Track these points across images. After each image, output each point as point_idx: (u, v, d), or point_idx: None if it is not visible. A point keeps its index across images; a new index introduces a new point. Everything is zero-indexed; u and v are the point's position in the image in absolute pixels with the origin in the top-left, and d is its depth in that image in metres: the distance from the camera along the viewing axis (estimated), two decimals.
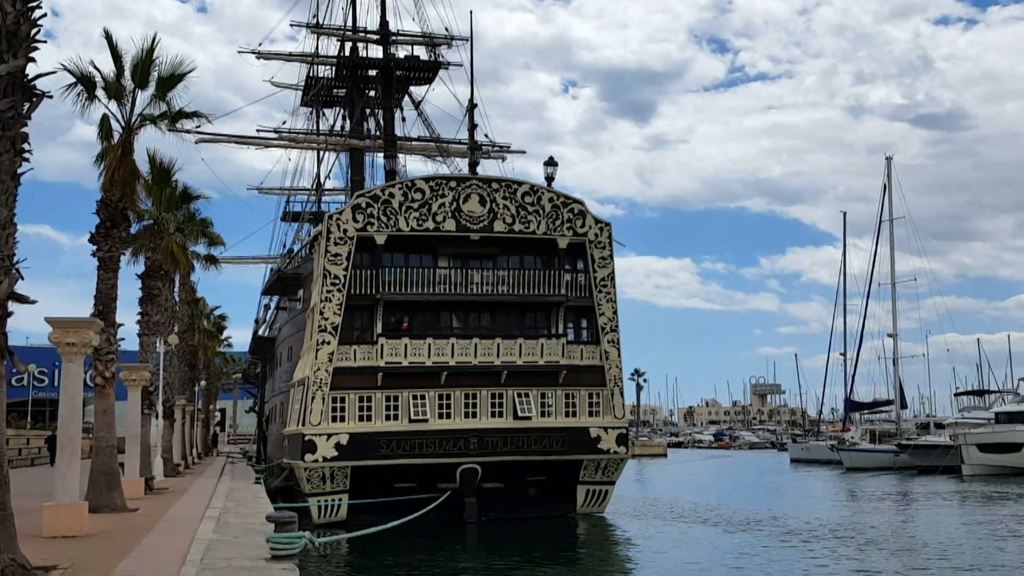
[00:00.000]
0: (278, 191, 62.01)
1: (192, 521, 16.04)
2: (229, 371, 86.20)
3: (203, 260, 43.00)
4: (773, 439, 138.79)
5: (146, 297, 27.21)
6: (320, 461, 31.17)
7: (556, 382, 33.78)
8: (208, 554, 11.52)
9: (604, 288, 34.60)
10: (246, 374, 75.08)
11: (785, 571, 22.69)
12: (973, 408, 76.57)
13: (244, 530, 14.58)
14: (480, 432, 32.39)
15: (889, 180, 77.29)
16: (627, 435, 34.71)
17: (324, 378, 31.79)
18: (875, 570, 22.53)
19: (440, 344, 32.93)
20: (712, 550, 26.55)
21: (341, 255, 32.32)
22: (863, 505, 41.80)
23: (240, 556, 11.39)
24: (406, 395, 32.41)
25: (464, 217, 33.31)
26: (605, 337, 34.48)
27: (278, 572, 10.17)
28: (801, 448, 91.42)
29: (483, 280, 33.71)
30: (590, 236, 34.58)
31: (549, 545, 28.33)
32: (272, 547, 11.03)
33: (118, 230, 19.59)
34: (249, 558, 11.23)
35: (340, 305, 32.16)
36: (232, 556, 11.32)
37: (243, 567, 10.44)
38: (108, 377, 18.63)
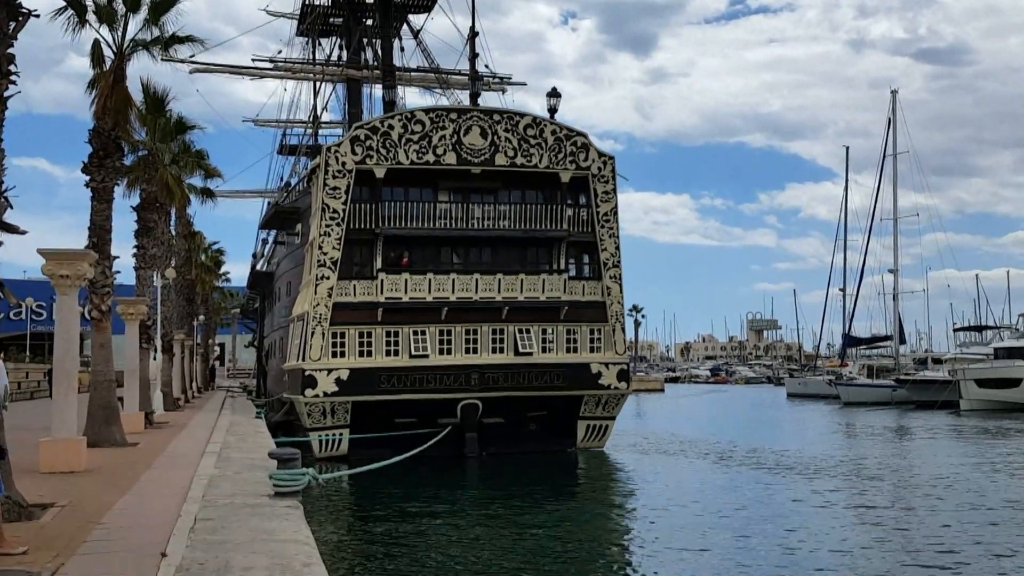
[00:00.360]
0: (274, 123, 61.17)
1: (193, 456, 15.85)
2: (228, 306, 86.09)
3: (199, 193, 42.53)
4: (769, 374, 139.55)
5: (142, 230, 26.77)
6: (321, 396, 31.06)
7: (557, 318, 33.53)
8: (209, 490, 11.30)
9: (607, 223, 34.14)
10: (244, 309, 74.95)
11: (786, 506, 22.67)
12: (972, 344, 76.71)
13: (246, 466, 14.39)
14: (481, 368, 32.24)
15: (894, 114, 76.35)
16: (628, 371, 34.62)
17: (324, 313, 31.51)
18: (878, 505, 22.52)
19: (441, 280, 32.58)
20: (713, 486, 26.57)
21: (340, 189, 31.78)
22: (862, 440, 41.96)
23: (242, 492, 11.17)
24: (406, 331, 32.17)
25: (465, 150, 32.69)
26: (607, 273, 34.13)
27: (281, 509, 9.94)
28: (798, 383, 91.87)
29: (484, 215, 33.23)
30: (593, 170, 34.00)
31: (549, 479, 28.38)
32: (275, 484, 10.80)
33: (111, 160, 19.06)
34: (251, 495, 11.01)
35: (339, 239, 31.73)
36: (234, 493, 11.10)
37: (245, 504, 10.21)
38: (104, 311, 18.29)
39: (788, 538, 18.38)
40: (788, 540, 18.21)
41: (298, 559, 7.30)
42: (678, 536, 18.61)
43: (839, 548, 17.48)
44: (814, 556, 16.75)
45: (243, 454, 16.54)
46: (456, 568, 15.75)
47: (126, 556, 7.41)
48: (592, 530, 20.10)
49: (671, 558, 16.60)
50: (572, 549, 17.48)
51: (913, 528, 19.52)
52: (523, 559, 16.51)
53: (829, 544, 17.82)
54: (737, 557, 16.52)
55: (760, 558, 16.51)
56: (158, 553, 7.39)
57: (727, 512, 21.64)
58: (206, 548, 7.67)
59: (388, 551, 16.95)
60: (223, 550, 7.58)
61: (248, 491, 11.31)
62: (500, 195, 33.82)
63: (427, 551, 17.05)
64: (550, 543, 17.97)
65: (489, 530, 19.34)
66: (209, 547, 7.72)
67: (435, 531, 19.19)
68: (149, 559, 7.22)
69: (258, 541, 7.99)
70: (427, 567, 15.76)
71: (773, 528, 19.52)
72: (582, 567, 16.15)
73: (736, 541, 18.05)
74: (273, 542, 7.99)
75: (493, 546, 17.70)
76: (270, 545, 7.84)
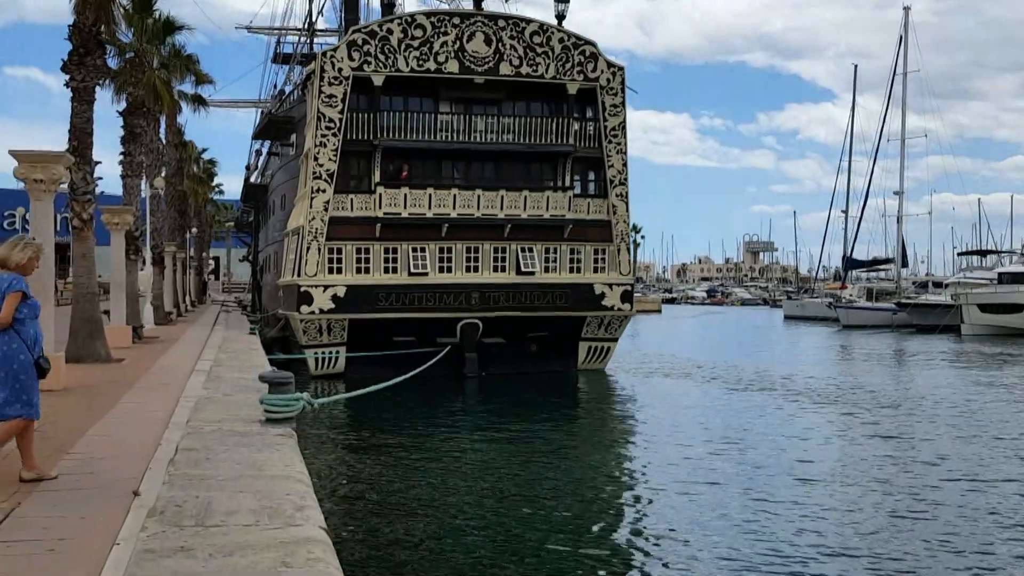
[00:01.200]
0: (267, 31, 59.15)
1: (180, 375, 14.94)
2: (221, 219, 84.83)
3: (190, 101, 41.03)
4: (765, 296, 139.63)
5: (128, 136, 25.52)
6: (317, 313, 30.19)
7: (561, 237, 32.48)
8: (195, 415, 10.39)
9: (614, 138, 32.81)
10: (239, 222, 73.66)
11: (794, 434, 22.00)
12: (975, 268, 75.93)
13: (237, 387, 13.48)
14: (482, 287, 31.35)
15: (905, 32, 74.29)
16: (632, 292, 33.72)
17: (319, 228, 30.41)
18: (890, 434, 21.86)
19: (441, 195, 31.38)
20: (716, 410, 25.94)
21: (336, 97, 30.34)
22: (864, 364, 41.38)
23: (231, 418, 10.27)
24: (405, 247, 31.14)
25: (468, 58, 31.15)
26: (613, 190, 32.95)
27: (273, 438, 9.04)
28: (796, 305, 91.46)
29: (487, 127, 31.93)
30: (602, 81, 32.52)
31: (550, 403, 27.80)
32: (266, 410, 9.87)
33: (92, 57, 17.72)
34: (242, 420, 10.11)
35: (335, 151, 30.43)
36: (222, 418, 10.19)
37: (234, 431, 9.30)
38: (86, 219, 17.18)
39: (797, 470, 17.74)
40: (797, 471, 17.59)
41: (290, 500, 6.39)
42: (684, 466, 17.89)
43: (852, 482, 16.82)
44: (827, 492, 16.07)
45: (235, 373, 15.63)
46: (455, 502, 15.06)
47: (93, 494, 6.50)
48: (594, 458, 19.45)
49: (675, 490, 15.89)
50: (573, 479, 16.81)
51: (919, 458, 18.86)
52: (525, 490, 15.87)
53: (843, 479, 17.14)
54: (744, 491, 15.80)
55: (766, 490, 15.80)
56: (130, 492, 6.47)
57: (733, 438, 21.01)
58: (185, 485, 6.76)
59: (385, 483, 16.24)
60: (204, 488, 6.67)
61: (238, 416, 10.40)
62: (504, 107, 32.43)
63: (426, 482, 16.36)
64: (552, 473, 17.33)
65: (489, 458, 18.69)
66: (188, 484, 6.81)
67: (433, 460, 18.47)
68: (120, 498, 6.31)
69: (245, 477, 7.08)
70: (426, 501, 15.03)
71: (781, 458, 18.84)
72: (583, 497, 15.45)
73: (744, 473, 17.33)
74: (262, 478, 7.08)
75: (493, 475, 17.06)
76: (258, 483, 6.93)
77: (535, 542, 12.74)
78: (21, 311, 6.94)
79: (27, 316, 6.99)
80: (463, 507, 14.58)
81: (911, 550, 12.41)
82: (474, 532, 13.26)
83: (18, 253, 7.06)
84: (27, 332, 6.94)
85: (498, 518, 13.92)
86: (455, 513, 14.21)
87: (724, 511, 14.38)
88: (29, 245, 7.20)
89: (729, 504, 14.80)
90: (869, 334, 62.30)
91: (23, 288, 6.97)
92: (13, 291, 6.87)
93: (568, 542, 12.74)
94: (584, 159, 33.03)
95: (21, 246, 7.11)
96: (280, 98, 45.01)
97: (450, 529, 13.37)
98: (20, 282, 6.96)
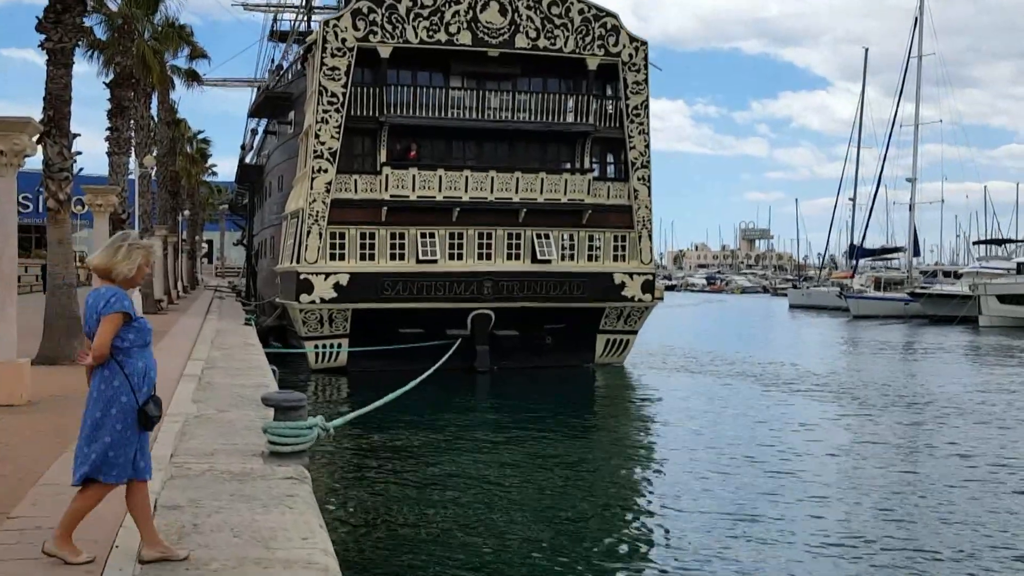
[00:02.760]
0: (264, 8, 56.71)
1: (168, 381, 12.87)
2: (215, 201, 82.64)
3: (184, 76, 38.89)
4: (765, 284, 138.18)
5: (115, 109, 23.40)
6: (317, 302, 28.13)
7: (580, 223, 30.43)
8: (182, 445, 8.37)
9: (636, 117, 30.68)
10: (233, 205, 71.34)
11: (830, 440, 20.14)
12: (991, 257, 74.04)
13: (232, 398, 11.46)
14: (495, 275, 29.32)
15: (921, 14, 71.97)
16: (653, 282, 31.68)
17: (321, 210, 28.30)
18: (938, 439, 19.94)
19: (452, 176, 29.25)
20: (743, 410, 24.17)
21: (339, 69, 28.16)
22: (892, 359, 39.48)
23: (226, 448, 8.25)
24: (413, 232, 29.06)
25: (481, 29, 28.96)
26: (635, 174, 30.87)
27: (281, 483, 7.04)
28: (801, 294, 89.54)
29: (502, 104, 29.79)
30: (624, 57, 30.38)
31: (568, 401, 26.00)
32: (272, 441, 7.83)
33: (70, 15, 15.55)
34: (239, 452, 8.09)
35: (338, 128, 28.28)
36: (215, 450, 8.17)
37: (230, 473, 7.28)
38: (63, 200, 15.07)
39: (830, 479, 16.19)
40: (831, 479, 16.11)
41: None
42: (713, 478, 16.09)
43: (890, 491, 15.05)
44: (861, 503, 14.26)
45: (230, 378, 13.61)
46: (470, 523, 13.12)
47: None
48: (616, 465, 17.79)
49: (702, 505, 14.18)
50: (598, 502, 14.85)
51: (972, 464, 17.02)
52: (544, 502, 14.23)
53: (882, 488, 15.25)
54: (777, 508, 14.06)
55: (807, 509, 14.06)
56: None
57: (765, 443, 19.29)
58: None
59: (394, 502, 14.25)
60: None
61: (235, 446, 8.39)
62: (519, 83, 30.30)
63: (438, 500, 14.42)
64: (569, 484, 15.63)
65: (505, 468, 16.75)
66: None
67: (446, 470, 16.58)
68: None
69: (248, 564, 5.06)
70: (439, 523, 13.09)
71: (826, 470, 16.97)
72: (610, 523, 13.59)
73: (777, 487, 15.47)
74: (273, 566, 5.06)
75: (510, 487, 15.28)
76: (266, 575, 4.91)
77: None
78: (125, 337, 5.04)
79: (134, 344, 5.09)
80: (481, 532, 12.59)
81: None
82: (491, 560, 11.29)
83: (124, 262, 5.12)
84: (133, 365, 5.06)
85: (517, 542, 12.10)
86: (471, 543, 12.22)
87: (755, 530, 12.75)
88: (136, 248, 5.21)
89: (763, 522, 13.16)
90: (881, 325, 60.42)
91: (126, 308, 5.02)
92: (112, 311, 4.97)
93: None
94: (604, 140, 30.95)
95: (126, 250, 5.16)
96: (278, 73, 42.73)
97: (466, 560, 11.39)
98: (122, 299, 5.04)
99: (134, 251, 5.18)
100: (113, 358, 5.00)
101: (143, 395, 5.03)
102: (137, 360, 5.06)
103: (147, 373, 5.10)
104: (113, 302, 5.02)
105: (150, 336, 5.22)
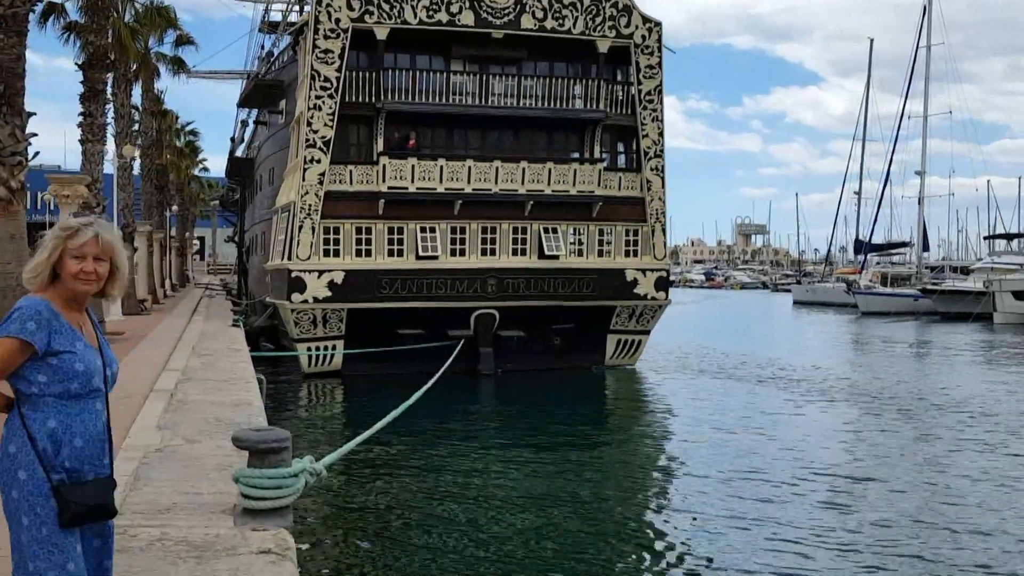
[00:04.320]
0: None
1: (135, 396, 11.05)
2: (206, 197, 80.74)
3: (169, 63, 37.03)
4: (765, 280, 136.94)
5: (89, 93, 21.47)
6: (310, 302, 26.28)
7: (589, 216, 28.59)
8: (134, 493, 6.54)
9: (650, 103, 28.83)
10: (224, 201, 69.37)
11: (867, 450, 18.34)
12: (1002, 252, 72.34)
13: (206, 424, 9.61)
14: (499, 272, 27.54)
15: (930, 2, 70.19)
16: (667, 278, 29.85)
17: (313, 203, 26.43)
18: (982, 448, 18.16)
19: (454, 167, 27.38)
20: (766, 418, 22.44)
21: (333, 52, 26.26)
22: (908, 359, 37.75)
23: (188, 502, 6.40)
24: (412, 227, 27.21)
25: (485, 9, 27.07)
26: (648, 164, 29.02)
27: (254, 560, 5.19)
28: (806, 290, 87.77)
29: (506, 90, 27.93)
30: (636, 39, 28.51)
31: (575, 404, 24.45)
32: (245, 494, 5.96)
33: None
34: (204, 508, 6.25)
35: (332, 115, 26.39)
36: (173, 503, 6.33)
37: (187, 544, 5.43)
38: (15, 188, 13.19)
39: (860, 491, 14.76)
40: (860, 491, 14.71)
41: None
42: (734, 496, 14.45)
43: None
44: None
45: (207, 394, 11.75)
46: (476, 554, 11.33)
47: None
48: (632, 482, 16.33)
49: (719, 524, 12.88)
50: (611, 512, 13.64)
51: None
52: (559, 527, 12.66)
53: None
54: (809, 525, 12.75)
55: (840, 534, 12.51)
56: None
57: (791, 457, 17.54)
58: None
59: (389, 538, 12.48)
60: None
61: (199, 496, 6.55)
62: (525, 66, 28.45)
63: (438, 525, 12.74)
64: (581, 505, 13.98)
65: (513, 488, 15.12)
66: None
67: (447, 491, 14.91)
68: None
69: None
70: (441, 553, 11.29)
71: (865, 497, 15.11)
72: (620, 538, 12.36)
73: (807, 510, 13.82)
74: None
75: (519, 509, 13.68)
76: None
77: None
78: (33, 379, 3.24)
79: (46, 391, 3.25)
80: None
81: None
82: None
83: (31, 262, 3.38)
84: (40, 424, 3.22)
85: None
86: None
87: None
88: (54, 236, 3.38)
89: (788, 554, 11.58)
90: (892, 322, 58.62)
91: (14, 333, 3.20)
92: (7, 335, 3.20)
93: None
94: (615, 127, 29.11)
95: (41, 242, 3.37)
96: (268, 59, 40.77)
97: None
98: (22, 319, 3.23)
99: (48, 241, 3.33)
100: (17, 408, 3.23)
101: (57, 472, 3.19)
102: (47, 417, 3.22)
103: (64, 438, 3.23)
104: (12, 318, 3.22)
105: (86, 383, 3.29)
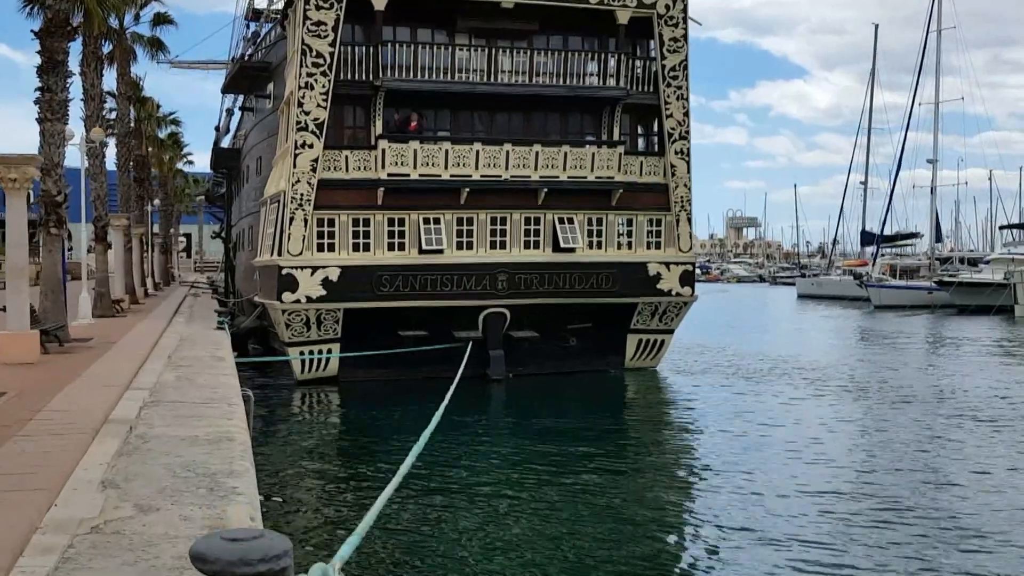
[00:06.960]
0: None
1: (80, 433, 8.47)
2: (192, 192, 78.10)
3: (147, 45, 34.45)
4: (761, 272, 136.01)
5: (47, 65, 18.70)
6: (303, 302, 23.83)
7: (609, 204, 26.25)
8: None
9: (674, 80, 26.43)
10: (210, 195, 66.68)
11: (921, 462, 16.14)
12: (1018, 242, 70.28)
13: (172, 470, 7.07)
14: (510, 267, 25.30)
15: None
16: (693, 273, 27.43)
17: (306, 192, 23.93)
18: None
19: (460, 151, 24.96)
20: (798, 425, 20.59)
21: (326, 25, 23.76)
22: (936, 356, 35.46)
23: None
24: (415, 218, 24.82)
25: None
26: (672, 147, 26.63)
27: None
28: (811, 283, 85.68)
29: (517, 66, 25.65)
30: (659, 9, 26.10)
31: (592, 411, 22.48)
32: None
33: None
34: None
35: (325, 94, 23.90)
36: None
37: None
38: None
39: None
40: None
41: None
42: (763, 513, 13.18)
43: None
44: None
45: (176, 426, 9.19)
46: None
47: None
48: (656, 499, 14.53)
49: (746, 541, 11.94)
50: (633, 534, 12.41)
51: None
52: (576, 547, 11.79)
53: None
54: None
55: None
56: None
57: (828, 470, 16.07)
58: None
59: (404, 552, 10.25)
60: None
61: None
62: (537, 40, 26.08)
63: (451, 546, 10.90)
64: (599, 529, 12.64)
65: (525, 505, 13.82)
66: None
67: (455, 512, 13.30)
68: None
69: None
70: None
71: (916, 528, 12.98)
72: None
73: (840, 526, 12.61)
74: None
75: (534, 527, 12.35)
76: None
77: None
78: None
79: None
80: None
81: None
82: None
83: None
84: None
85: None
86: None
87: None
88: None
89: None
90: (909, 315, 56.43)
91: None
92: None
93: None
94: (636, 107, 26.79)
95: None
96: (254, 40, 38.14)
97: None
98: None
99: None
100: None
101: None
102: None
103: None
104: None
105: None
